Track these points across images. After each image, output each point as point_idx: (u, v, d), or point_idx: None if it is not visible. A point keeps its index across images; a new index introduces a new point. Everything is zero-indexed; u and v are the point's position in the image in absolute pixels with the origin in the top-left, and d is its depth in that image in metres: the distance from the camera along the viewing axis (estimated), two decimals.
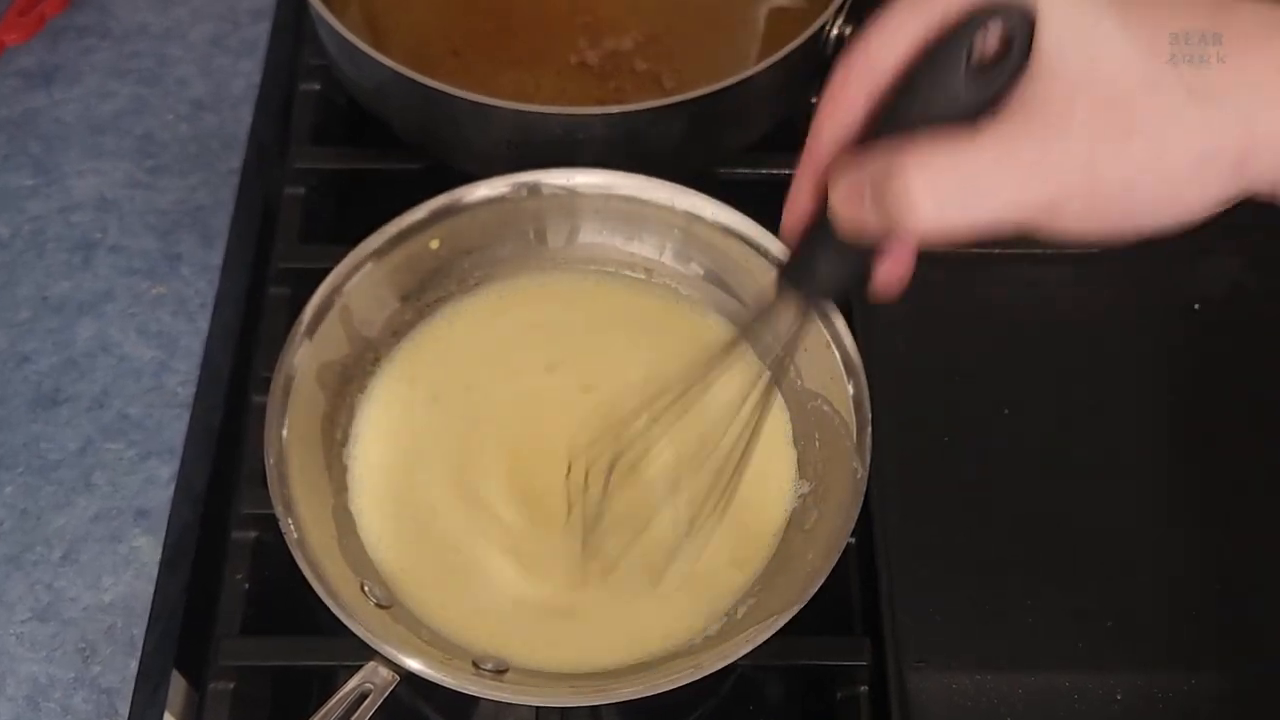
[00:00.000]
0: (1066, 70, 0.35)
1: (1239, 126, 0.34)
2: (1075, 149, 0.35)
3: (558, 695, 0.51)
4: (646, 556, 0.55)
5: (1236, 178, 0.35)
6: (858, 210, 0.38)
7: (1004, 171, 0.35)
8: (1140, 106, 0.34)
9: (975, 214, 0.36)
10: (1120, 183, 0.35)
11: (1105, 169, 0.35)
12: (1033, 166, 0.35)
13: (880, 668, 0.55)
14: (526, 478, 0.58)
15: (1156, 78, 0.34)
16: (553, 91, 0.71)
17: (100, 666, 0.55)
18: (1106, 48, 0.35)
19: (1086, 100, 0.34)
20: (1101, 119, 0.34)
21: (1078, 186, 0.35)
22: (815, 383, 0.58)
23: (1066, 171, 0.35)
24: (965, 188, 0.36)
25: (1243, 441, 0.62)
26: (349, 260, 0.58)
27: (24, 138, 0.70)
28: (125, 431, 0.61)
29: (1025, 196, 0.35)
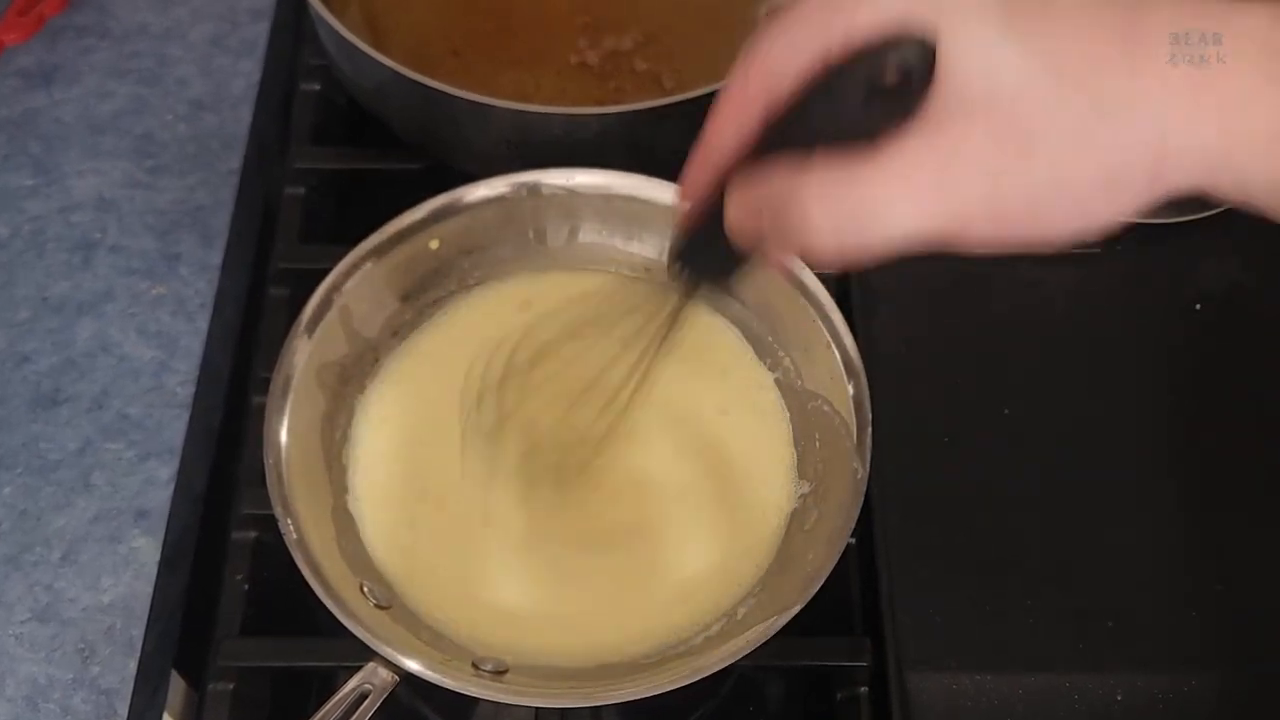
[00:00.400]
0: (966, 92, 0.34)
1: (1149, 141, 0.34)
2: (975, 170, 0.34)
3: (557, 696, 0.51)
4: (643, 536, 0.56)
5: (1148, 189, 0.35)
6: (755, 227, 0.38)
7: (901, 196, 0.35)
8: (1041, 126, 0.34)
9: (873, 240, 0.35)
10: (1023, 200, 0.35)
11: (1007, 188, 0.34)
12: (932, 190, 0.35)
13: (880, 668, 0.55)
14: (527, 477, 0.58)
15: (1058, 97, 0.34)
16: (552, 91, 0.71)
17: (99, 667, 0.55)
18: (1006, 69, 0.34)
19: (985, 120, 0.34)
20: (1002, 138, 0.34)
21: (979, 206, 0.35)
22: (815, 383, 0.58)
23: (966, 193, 0.35)
24: (862, 215, 0.35)
25: (1243, 441, 0.62)
26: (348, 260, 0.58)
27: (23, 138, 0.70)
28: (125, 432, 0.61)
29: (924, 221, 0.35)
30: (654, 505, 0.57)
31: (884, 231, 0.35)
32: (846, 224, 0.35)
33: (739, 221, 0.39)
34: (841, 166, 0.35)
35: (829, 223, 0.35)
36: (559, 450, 0.57)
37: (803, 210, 0.36)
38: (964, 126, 0.34)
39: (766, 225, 0.38)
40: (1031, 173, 0.34)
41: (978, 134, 0.34)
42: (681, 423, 0.59)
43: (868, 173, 0.35)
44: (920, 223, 0.35)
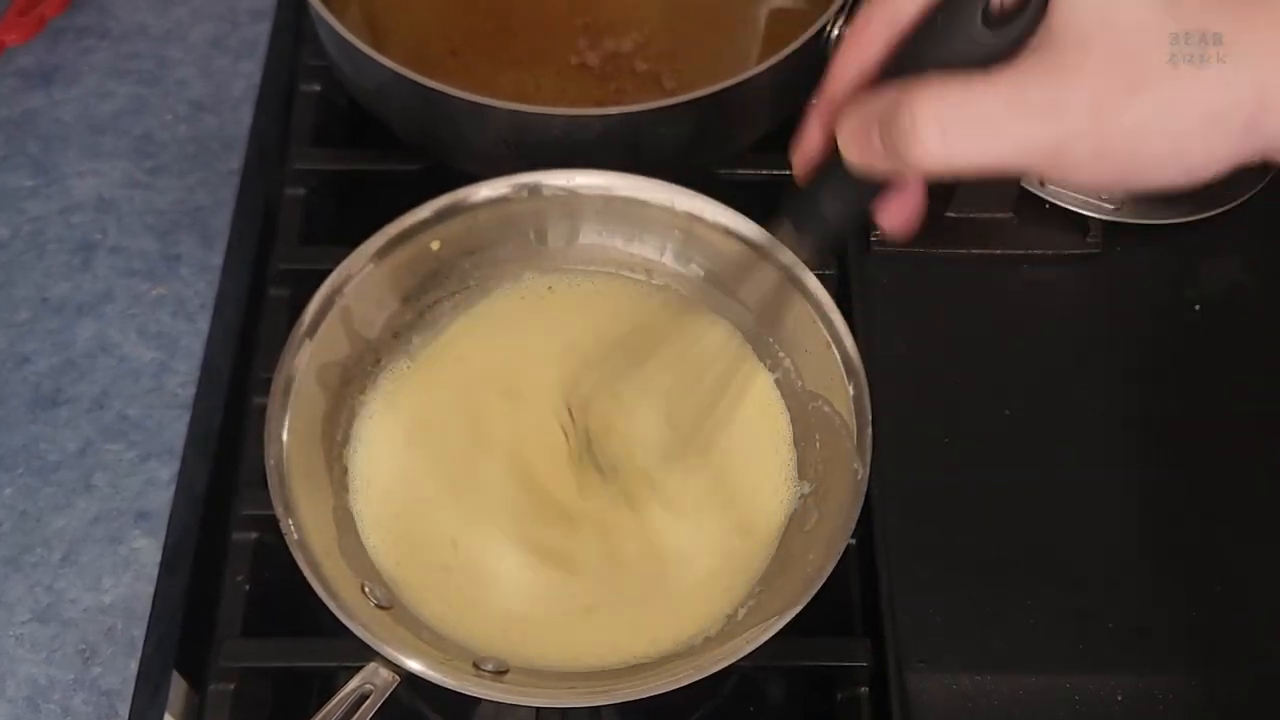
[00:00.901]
0: (1081, 22, 0.35)
1: (1250, 87, 0.35)
2: (1084, 96, 0.35)
3: (558, 696, 0.51)
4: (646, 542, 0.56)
5: (1247, 138, 0.35)
6: (865, 145, 0.39)
7: (1011, 111, 0.36)
8: (1151, 62, 0.35)
9: (981, 150, 0.36)
10: (1126, 134, 0.35)
11: (1112, 119, 0.35)
12: (1041, 108, 0.35)
13: (881, 668, 0.55)
14: (528, 478, 0.58)
15: (1170, 33, 0.35)
16: (553, 92, 0.71)
17: (100, 668, 0.55)
18: (1123, 4, 0.35)
19: (1099, 52, 0.35)
20: (1112, 70, 0.35)
21: (1084, 134, 0.35)
22: (816, 384, 0.58)
23: (1074, 117, 0.35)
24: (972, 123, 0.36)
25: (1244, 441, 0.62)
26: (349, 261, 0.58)
27: (23, 138, 0.70)
28: (125, 433, 0.61)
29: (1031, 137, 0.36)
30: (654, 506, 0.57)
31: (990, 143, 0.36)
32: (956, 131, 0.36)
33: (850, 140, 0.39)
34: (955, 80, 0.36)
35: (939, 130, 0.36)
36: (561, 459, 0.58)
37: (912, 114, 0.36)
38: (1077, 54, 0.35)
39: (876, 139, 0.38)
40: (1137, 105, 0.35)
41: (1090, 62, 0.35)
42: (680, 424, 0.59)
43: (981, 86, 0.36)
44: (1026, 138, 0.36)
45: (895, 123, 0.37)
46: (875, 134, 0.38)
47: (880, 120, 0.38)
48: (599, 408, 0.58)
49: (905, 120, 0.37)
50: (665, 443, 0.59)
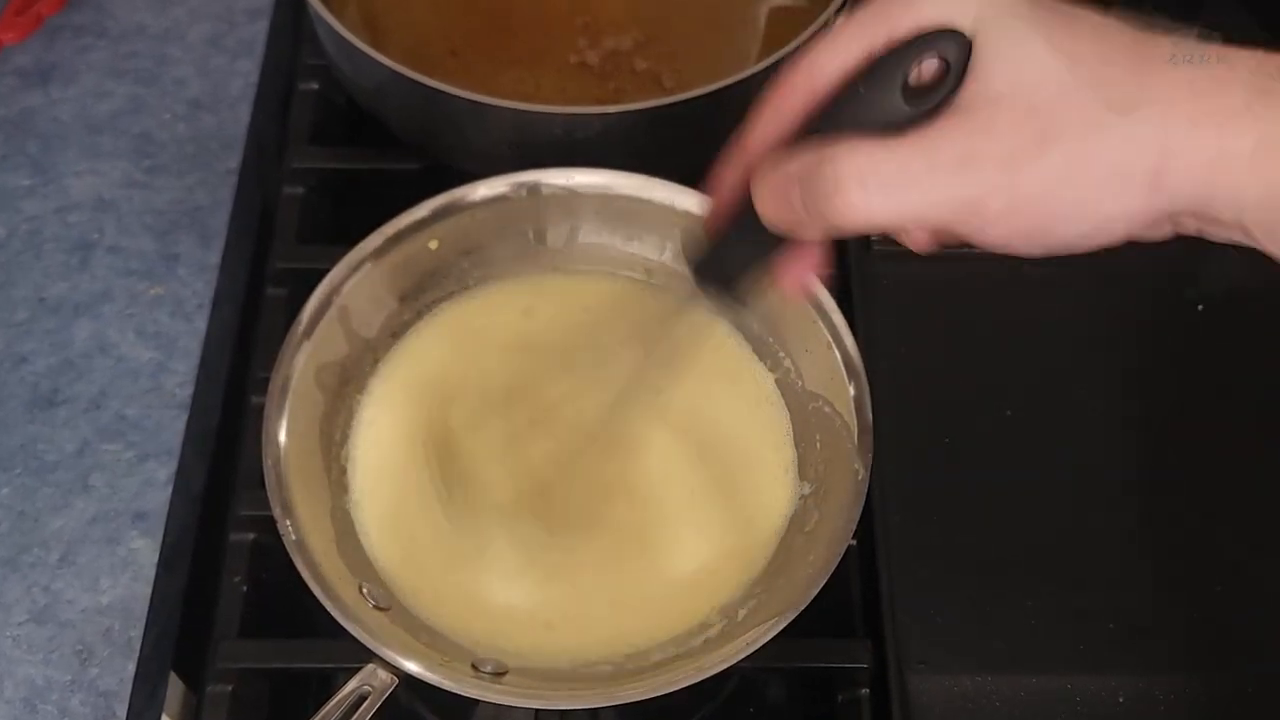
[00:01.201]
0: (992, 82, 0.37)
1: (1153, 143, 0.36)
2: (996, 150, 0.36)
3: (557, 697, 0.51)
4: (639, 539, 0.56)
5: (1153, 195, 0.36)
6: (783, 201, 0.40)
7: (929, 166, 0.37)
8: (1058, 117, 0.36)
9: (899, 205, 0.37)
10: (1038, 187, 0.37)
11: (1024, 172, 0.36)
12: (956, 163, 0.37)
13: (881, 670, 0.55)
14: (526, 477, 0.57)
15: (1076, 92, 0.36)
16: (552, 91, 0.70)
17: (98, 669, 0.54)
18: (1031, 63, 0.37)
19: (1009, 110, 0.36)
20: (1022, 127, 0.36)
21: (998, 188, 0.37)
22: (816, 384, 0.58)
23: (987, 172, 0.37)
24: (891, 179, 0.37)
25: (1246, 442, 0.62)
26: (347, 261, 0.58)
27: (21, 137, 0.70)
28: (123, 433, 0.60)
29: (948, 192, 0.37)
30: (654, 507, 0.57)
31: (908, 197, 0.37)
32: (876, 186, 0.37)
33: (767, 200, 0.41)
34: (874, 139, 0.38)
35: (858, 184, 0.37)
36: (560, 459, 0.57)
37: (835, 170, 0.38)
38: (989, 113, 0.37)
39: (796, 194, 0.39)
40: (1044, 163, 0.36)
41: (1001, 119, 0.37)
42: (681, 424, 0.59)
43: (899, 143, 0.37)
44: (943, 193, 0.37)
45: (817, 179, 0.38)
46: (795, 190, 0.39)
47: (801, 176, 0.39)
48: (598, 408, 0.58)
49: (828, 176, 0.38)
50: (662, 440, 0.58)
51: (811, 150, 0.39)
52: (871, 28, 0.39)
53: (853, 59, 0.39)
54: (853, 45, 0.39)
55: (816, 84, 0.40)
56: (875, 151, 0.37)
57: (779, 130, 0.42)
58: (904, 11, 0.38)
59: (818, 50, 0.41)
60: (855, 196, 0.37)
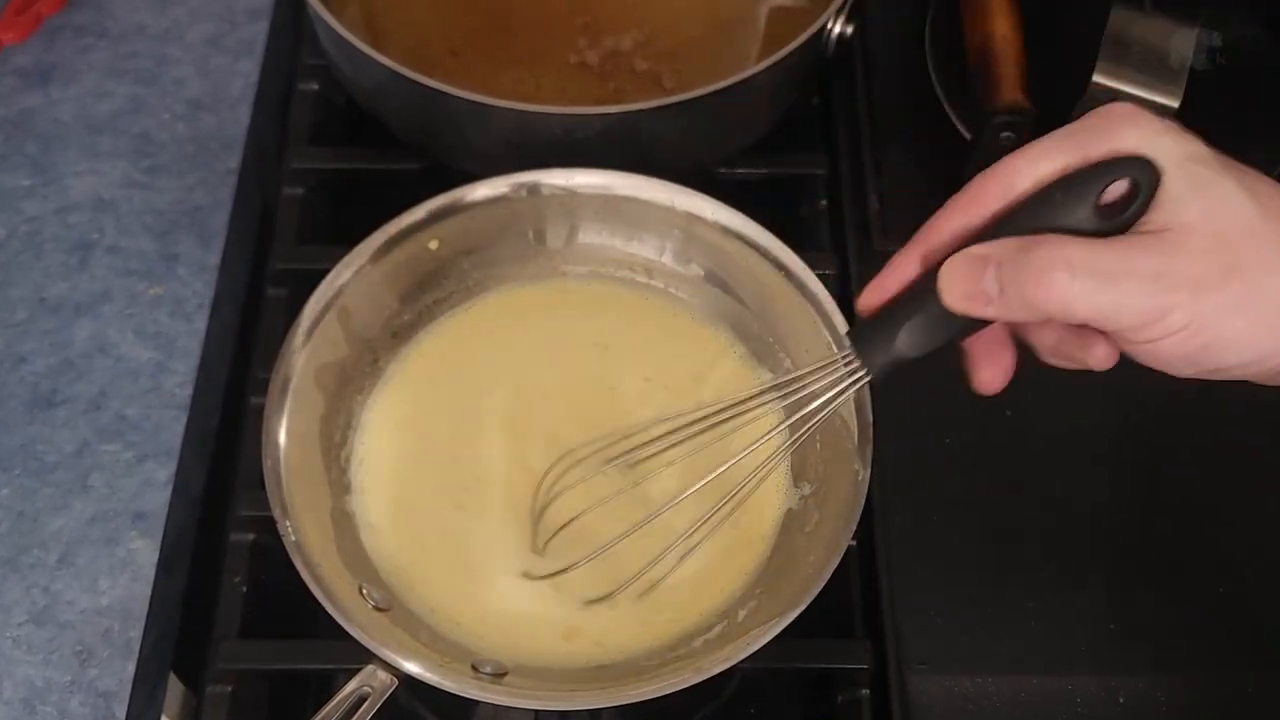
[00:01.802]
0: (1183, 212, 0.40)
1: None
2: (1186, 271, 0.39)
3: (557, 698, 0.51)
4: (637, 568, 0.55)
5: None
6: (974, 282, 0.42)
7: (1128, 271, 0.40)
8: (1243, 251, 0.39)
9: (1099, 298, 0.40)
10: (1218, 310, 0.39)
11: (1208, 296, 0.39)
12: (1151, 274, 0.39)
13: (881, 670, 0.55)
14: (526, 478, 0.57)
15: (1262, 231, 0.40)
16: (552, 91, 0.70)
17: (97, 670, 0.54)
18: (1221, 200, 0.40)
19: (1200, 237, 0.39)
20: (1211, 254, 0.39)
21: (1183, 305, 0.39)
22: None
23: (1177, 288, 0.39)
24: (1096, 272, 0.40)
25: (1248, 442, 0.62)
26: (347, 261, 0.58)
27: (21, 138, 0.70)
28: (122, 433, 0.60)
29: (1141, 298, 0.39)
30: (653, 507, 0.57)
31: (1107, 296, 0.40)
32: (1080, 277, 0.40)
33: (958, 278, 0.43)
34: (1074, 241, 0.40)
35: (1066, 272, 0.40)
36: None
37: (1045, 255, 0.40)
38: (1181, 239, 0.40)
39: (993, 277, 0.41)
40: (1228, 288, 0.39)
41: (1193, 247, 0.39)
42: (680, 425, 0.59)
43: (1099, 244, 0.40)
44: (1136, 298, 0.39)
45: (1023, 261, 0.40)
46: (992, 271, 0.41)
47: (1002, 260, 0.41)
48: (597, 408, 0.58)
49: (1037, 258, 0.40)
50: (661, 435, 0.58)
51: (1012, 240, 0.41)
52: (1070, 146, 0.42)
53: (1048, 172, 0.42)
54: (1050, 159, 0.42)
55: (1011, 191, 0.43)
56: (1082, 247, 0.40)
57: (967, 228, 0.44)
58: (1102, 138, 0.41)
59: (1015, 159, 0.43)
60: (1061, 284, 0.40)
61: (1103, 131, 0.41)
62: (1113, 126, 0.41)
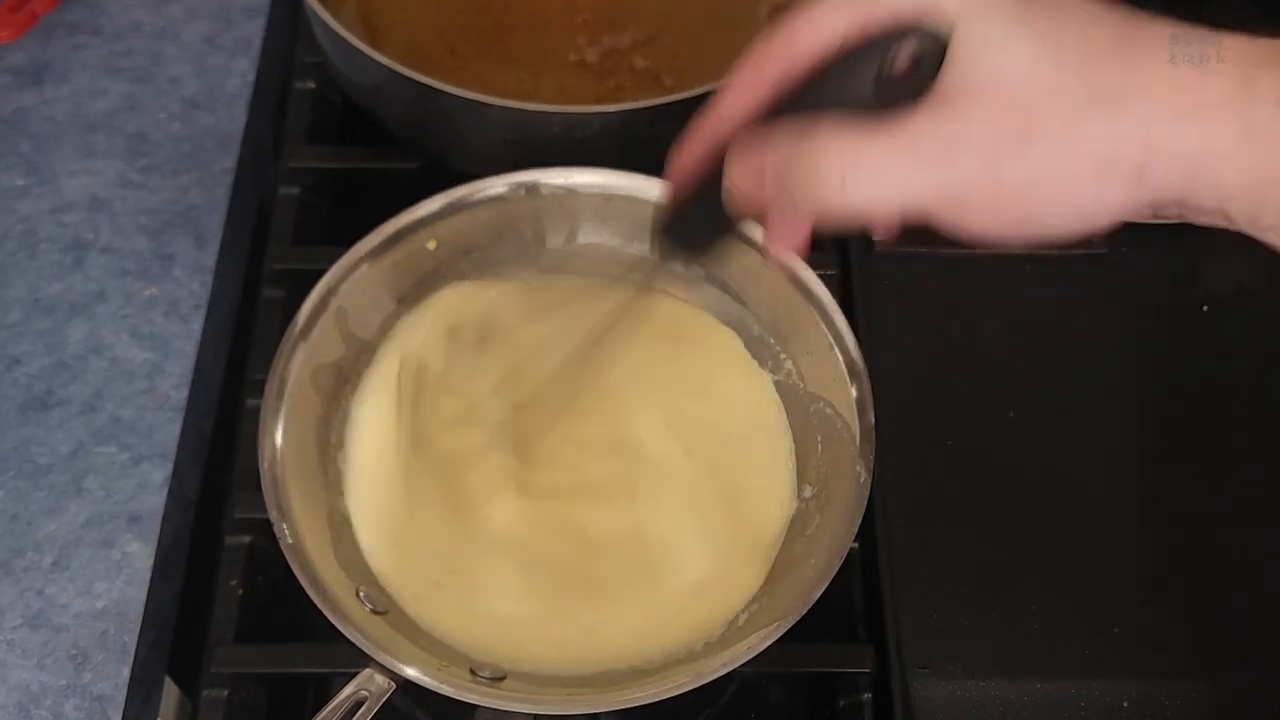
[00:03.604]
0: (973, 72, 0.37)
1: (1136, 137, 0.36)
2: (978, 142, 0.36)
3: (556, 703, 0.50)
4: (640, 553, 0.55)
5: (1135, 187, 0.37)
6: (756, 185, 0.40)
7: (908, 158, 0.37)
8: (1041, 112, 0.36)
9: (877, 196, 0.37)
10: (1021, 182, 0.37)
11: (1006, 165, 0.36)
12: (937, 154, 0.37)
13: (884, 674, 0.55)
14: (525, 479, 0.57)
15: (1060, 85, 0.36)
16: (551, 90, 0.70)
17: (92, 674, 0.54)
18: (1015, 54, 0.36)
19: (991, 100, 0.36)
20: (1005, 118, 0.36)
21: (979, 181, 0.37)
22: (818, 385, 0.57)
23: (967, 165, 0.37)
24: (870, 170, 0.37)
25: (1251, 443, 0.61)
26: (344, 261, 0.57)
27: (15, 136, 0.70)
28: (117, 435, 0.60)
29: (926, 183, 0.37)
30: (654, 509, 0.57)
31: (886, 189, 0.37)
32: (852, 177, 0.37)
33: (740, 184, 0.41)
34: (851, 131, 0.37)
35: (837, 175, 0.37)
36: (560, 463, 0.57)
37: (811, 164, 0.38)
38: (968, 107, 0.37)
39: (770, 186, 0.39)
40: (1027, 155, 0.36)
41: (981, 115, 0.36)
42: (681, 426, 0.59)
43: (878, 134, 0.37)
44: (921, 184, 0.37)
45: (795, 168, 0.38)
46: (770, 176, 0.39)
47: (777, 164, 0.39)
48: (597, 408, 0.58)
49: (806, 166, 0.38)
50: (662, 445, 0.58)
51: (787, 138, 0.39)
52: (849, 9, 0.39)
53: (829, 39, 0.39)
54: (829, 24, 0.39)
55: (791, 62, 0.40)
56: (855, 142, 0.37)
57: (751, 104, 0.42)
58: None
59: (794, 27, 0.40)
60: (833, 188, 0.37)
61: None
62: None
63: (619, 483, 0.57)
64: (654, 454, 0.58)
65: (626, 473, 0.57)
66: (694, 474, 0.57)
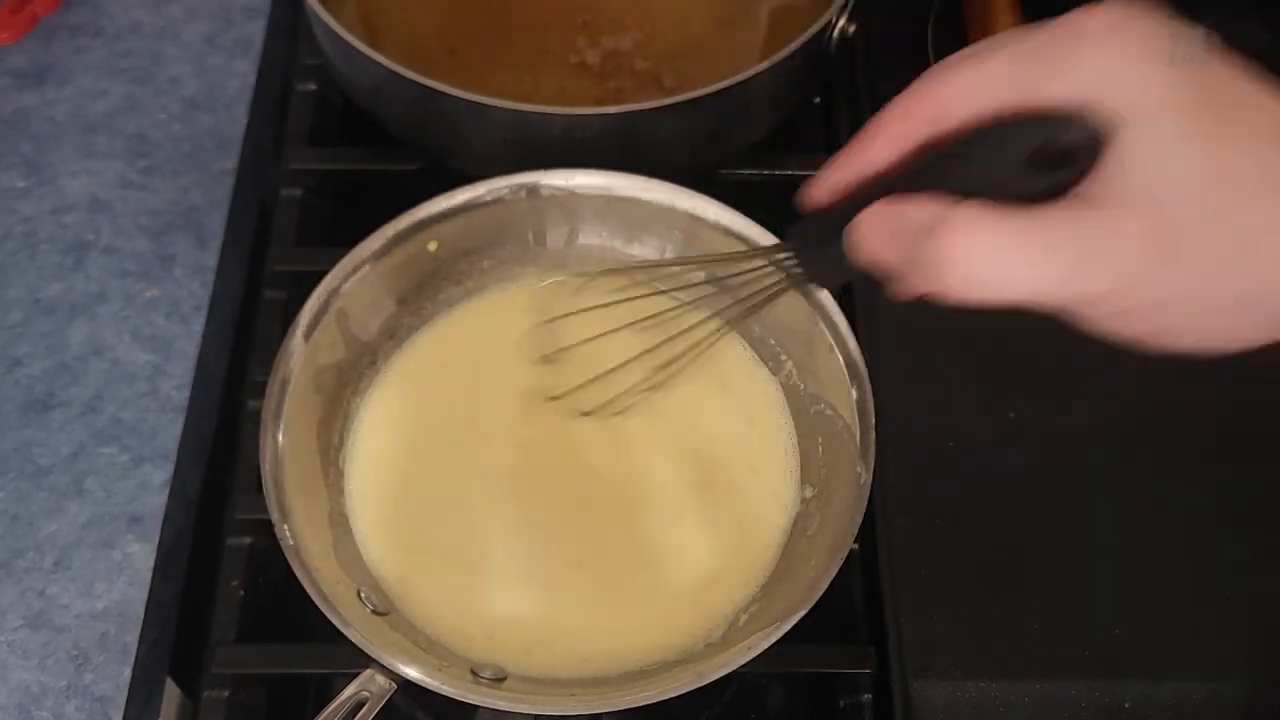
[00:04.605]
0: (1130, 185, 0.34)
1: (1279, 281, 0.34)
2: (1119, 259, 0.34)
3: (557, 703, 0.50)
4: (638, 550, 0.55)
5: (1274, 328, 0.35)
6: (883, 251, 0.39)
7: (1042, 257, 0.35)
8: (1192, 240, 0.34)
9: (1003, 290, 0.36)
10: (1153, 303, 0.35)
11: (1142, 287, 0.35)
12: (1074, 259, 0.35)
13: (884, 676, 0.55)
14: (526, 481, 0.57)
15: (1218, 212, 0.34)
16: (552, 91, 0.70)
17: (93, 675, 0.54)
18: (1175, 175, 0.34)
19: (1142, 214, 0.34)
20: (1152, 237, 0.34)
21: (1112, 296, 0.35)
22: (818, 386, 0.57)
23: (1104, 278, 0.35)
24: (1000, 264, 0.35)
25: (1253, 445, 0.61)
26: (345, 263, 0.57)
27: (15, 137, 0.70)
28: (118, 436, 0.60)
29: (1058, 285, 0.35)
30: (655, 510, 0.57)
31: (1014, 286, 0.36)
32: (980, 273, 0.36)
33: (869, 239, 0.40)
34: (991, 218, 0.36)
35: (965, 267, 0.36)
36: (561, 464, 0.57)
37: (945, 247, 0.36)
38: (1116, 216, 0.34)
39: (898, 254, 0.38)
40: (1169, 280, 0.35)
41: (1128, 226, 0.34)
42: (681, 427, 0.59)
43: (1018, 228, 0.35)
44: (1055, 290, 0.35)
45: (927, 246, 0.36)
46: (902, 244, 0.38)
47: (911, 233, 0.37)
48: (599, 412, 0.58)
49: (939, 246, 0.36)
50: (663, 446, 0.58)
51: (927, 212, 0.37)
52: (1017, 74, 0.37)
53: (986, 107, 0.37)
54: (990, 93, 0.37)
55: (943, 121, 0.39)
56: (991, 232, 0.35)
57: (895, 154, 0.40)
58: (1058, 65, 0.35)
59: (955, 83, 0.38)
60: (959, 275, 0.36)
61: (1063, 55, 0.35)
62: (1078, 49, 0.35)
63: (620, 483, 0.57)
64: (655, 454, 0.58)
65: (627, 473, 0.57)
66: (695, 474, 0.57)
